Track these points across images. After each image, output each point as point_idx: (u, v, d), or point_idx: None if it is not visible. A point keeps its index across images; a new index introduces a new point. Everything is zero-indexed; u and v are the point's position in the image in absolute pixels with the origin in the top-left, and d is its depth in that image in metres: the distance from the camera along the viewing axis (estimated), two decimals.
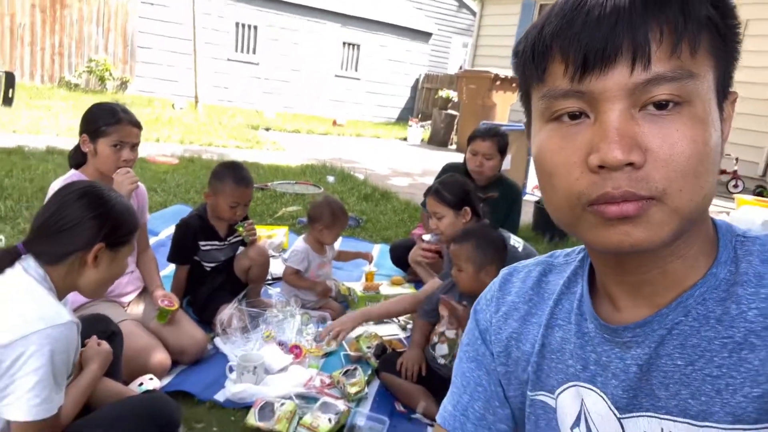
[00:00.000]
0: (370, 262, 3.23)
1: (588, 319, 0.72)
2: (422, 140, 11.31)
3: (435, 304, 2.34)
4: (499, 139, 3.24)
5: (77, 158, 2.38)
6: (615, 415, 0.68)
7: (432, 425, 2.12)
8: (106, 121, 2.25)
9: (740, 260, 0.64)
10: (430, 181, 7.02)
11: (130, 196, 2.23)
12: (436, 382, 2.21)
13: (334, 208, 2.89)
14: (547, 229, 4.47)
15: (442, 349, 2.21)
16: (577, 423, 0.73)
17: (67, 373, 1.41)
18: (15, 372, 1.27)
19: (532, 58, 0.61)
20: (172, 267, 2.82)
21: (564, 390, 0.74)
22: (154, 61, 11.88)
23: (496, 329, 0.84)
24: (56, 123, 7.09)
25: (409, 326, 2.84)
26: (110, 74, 11.21)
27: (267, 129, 9.90)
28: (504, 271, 0.89)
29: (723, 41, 0.58)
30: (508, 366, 0.82)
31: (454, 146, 10.86)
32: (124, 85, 11.67)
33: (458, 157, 9.31)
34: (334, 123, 11.96)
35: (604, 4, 0.55)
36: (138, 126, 2.35)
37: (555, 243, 4.45)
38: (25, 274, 1.40)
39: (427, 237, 3.08)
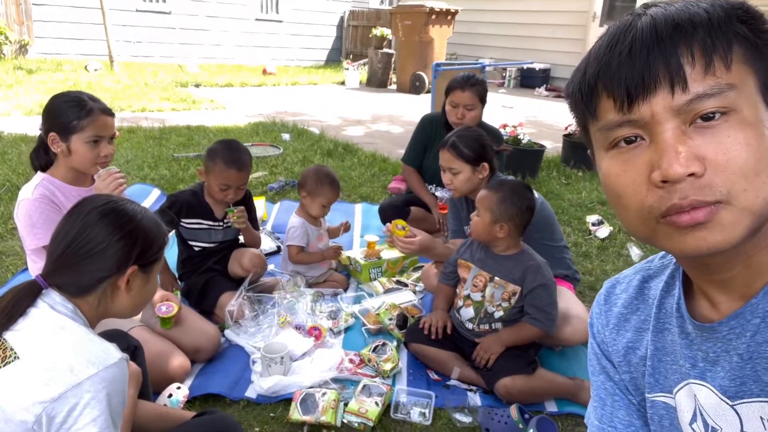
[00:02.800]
0: (347, 230, 3.04)
1: (686, 321, 0.76)
2: (360, 82, 10.98)
3: (454, 266, 2.30)
4: (479, 88, 3.14)
5: (42, 158, 2.09)
6: (727, 403, 0.71)
7: (471, 390, 2.13)
8: (76, 115, 1.98)
9: None
10: (383, 127, 6.91)
11: None
12: (466, 346, 2.21)
13: (320, 175, 2.74)
14: (518, 169, 4.50)
15: (467, 313, 2.19)
16: (694, 419, 0.76)
17: (122, 411, 1.28)
18: (71, 425, 1.12)
19: (582, 99, 0.67)
20: None
21: (680, 389, 0.78)
22: (55, 19, 10.68)
23: (611, 341, 0.89)
24: None
25: (418, 288, 2.81)
26: (6, 38, 10.02)
27: (197, 85, 9.26)
28: (606, 284, 0.94)
29: (757, 49, 0.61)
30: (631, 373, 0.87)
31: (394, 86, 10.63)
32: (23, 48, 10.48)
33: (401, 98, 9.23)
34: (265, 72, 11.35)
35: (635, 40, 0.61)
36: (111, 114, 2.09)
37: (528, 181, 4.49)
38: (53, 311, 1.23)
39: (439, 193, 2.98)
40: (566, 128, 5.16)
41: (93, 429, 1.12)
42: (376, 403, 1.93)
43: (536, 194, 2.42)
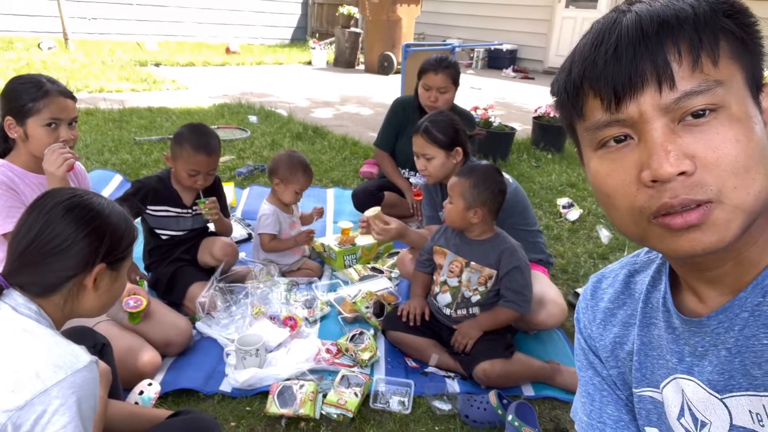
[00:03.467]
0: (321, 215, 3.00)
1: (673, 316, 0.75)
2: (327, 62, 10.79)
3: (429, 254, 2.28)
4: (452, 70, 3.10)
5: (0, 146, 1.98)
6: (716, 397, 0.70)
7: (449, 376, 2.13)
8: (31, 96, 1.87)
9: None
10: (353, 109, 6.81)
11: (65, 179, 1.89)
12: (444, 333, 2.20)
13: (293, 161, 2.67)
14: (489, 152, 4.50)
15: (444, 299, 2.19)
16: (681, 414, 0.76)
17: (93, 416, 1.22)
18: None
19: (568, 99, 0.66)
20: None
21: (667, 384, 0.78)
22: None
23: (598, 336, 0.89)
24: None
25: (394, 275, 2.78)
26: None
27: (157, 65, 8.93)
28: (593, 278, 0.92)
29: (743, 44, 0.61)
30: (619, 368, 0.87)
31: (362, 66, 10.49)
32: None
33: (369, 79, 9.12)
34: (228, 50, 11.03)
35: (620, 38, 0.60)
36: (72, 97, 1.99)
37: (499, 164, 4.50)
38: (16, 313, 1.16)
39: (413, 179, 2.95)
40: (536, 110, 5.18)
41: None
42: (355, 394, 1.91)
43: (510, 179, 2.41)
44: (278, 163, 2.67)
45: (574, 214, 3.67)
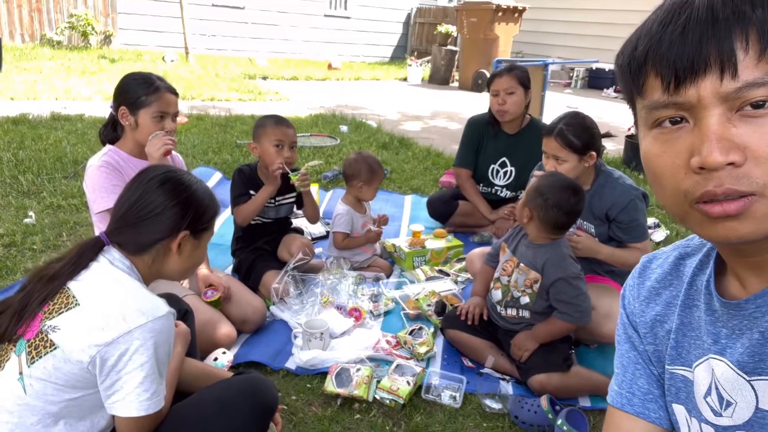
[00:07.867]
0: (386, 222, 2.98)
1: (714, 298, 0.76)
2: (422, 79, 11.03)
3: (498, 249, 2.32)
4: (518, 72, 3.11)
5: (109, 134, 2.27)
6: (744, 378, 0.71)
7: (504, 379, 2.15)
8: (145, 91, 2.14)
9: None
10: (441, 123, 6.94)
11: (162, 161, 2.13)
12: (501, 336, 2.22)
13: (371, 162, 2.82)
14: None
15: (496, 295, 2.20)
16: (708, 392, 0.78)
17: (168, 363, 1.39)
18: (121, 368, 1.24)
19: (629, 74, 0.66)
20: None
21: (700, 363, 0.79)
22: (137, 12, 11.35)
23: (640, 312, 0.90)
24: (52, 86, 6.82)
25: (460, 279, 2.84)
26: (93, 29, 10.72)
27: (264, 78, 9.60)
28: (643, 258, 0.95)
29: None
30: (656, 345, 0.88)
31: (456, 84, 10.61)
32: (107, 39, 11.19)
33: (462, 96, 9.21)
34: (330, 66, 11.61)
35: (689, 20, 0.58)
36: (176, 93, 2.25)
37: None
38: (112, 266, 1.35)
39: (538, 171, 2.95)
40: (629, 129, 5.01)
41: (140, 373, 1.24)
42: (408, 383, 1.99)
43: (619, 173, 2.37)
44: (358, 168, 2.81)
45: (660, 234, 3.53)
